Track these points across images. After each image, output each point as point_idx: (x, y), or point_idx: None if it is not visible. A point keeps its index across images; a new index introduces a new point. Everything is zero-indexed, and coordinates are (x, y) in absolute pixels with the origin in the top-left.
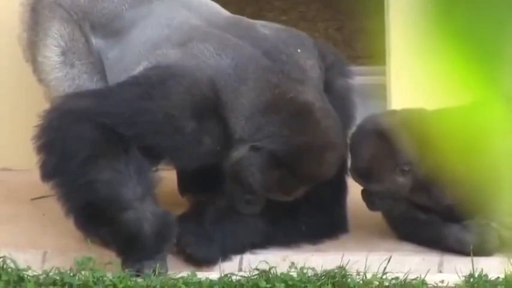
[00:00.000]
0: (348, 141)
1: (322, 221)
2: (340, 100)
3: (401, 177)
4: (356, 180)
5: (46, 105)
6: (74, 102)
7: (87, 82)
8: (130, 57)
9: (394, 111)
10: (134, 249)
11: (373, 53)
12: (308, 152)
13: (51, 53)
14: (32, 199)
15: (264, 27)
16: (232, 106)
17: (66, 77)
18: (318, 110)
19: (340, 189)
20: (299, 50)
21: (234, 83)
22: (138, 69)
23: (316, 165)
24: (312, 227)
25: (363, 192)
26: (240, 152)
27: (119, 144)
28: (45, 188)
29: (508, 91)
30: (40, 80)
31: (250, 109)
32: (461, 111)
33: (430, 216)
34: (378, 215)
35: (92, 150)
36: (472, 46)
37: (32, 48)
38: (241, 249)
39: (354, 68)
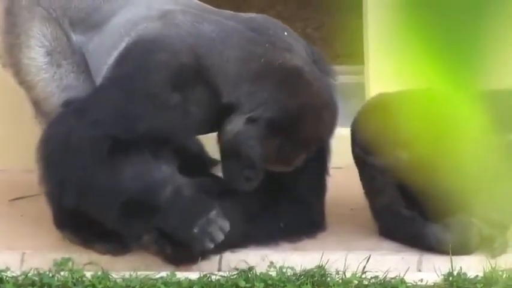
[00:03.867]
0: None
1: (300, 219)
2: None
3: (403, 152)
4: (357, 156)
5: (27, 107)
6: (57, 127)
7: (75, 81)
8: (112, 39)
9: (401, 91)
10: (185, 216)
11: (351, 52)
12: (305, 113)
13: (37, 54)
14: (10, 200)
15: (247, 15)
16: (218, 69)
17: (53, 77)
18: (308, 72)
19: (319, 187)
20: (285, 33)
21: (219, 46)
22: (120, 47)
23: (315, 126)
24: (291, 224)
25: (362, 166)
26: (235, 126)
27: (121, 147)
28: (24, 188)
29: (477, 86)
30: (22, 83)
31: (239, 75)
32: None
33: (412, 213)
34: (357, 215)
35: (100, 161)
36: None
37: (13, 51)
38: (220, 249)
39: (333, 67)
